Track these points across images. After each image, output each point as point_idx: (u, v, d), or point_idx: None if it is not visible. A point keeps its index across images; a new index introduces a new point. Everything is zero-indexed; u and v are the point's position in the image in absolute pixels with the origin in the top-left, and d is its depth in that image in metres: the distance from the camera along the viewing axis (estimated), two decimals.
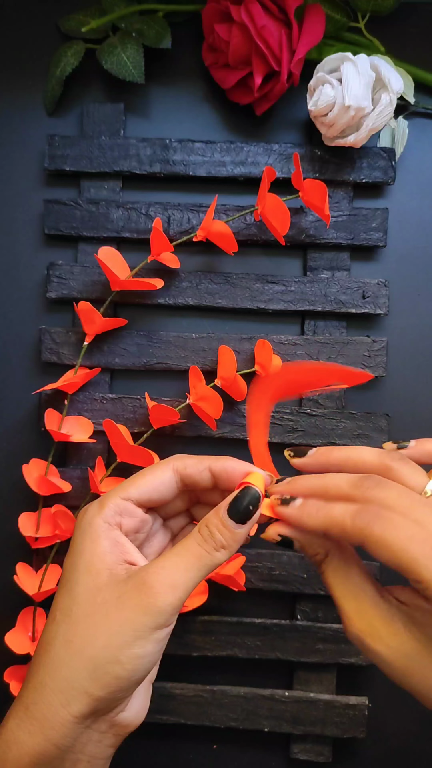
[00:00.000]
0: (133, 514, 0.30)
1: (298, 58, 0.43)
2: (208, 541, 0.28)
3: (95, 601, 0.26)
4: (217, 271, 0.47)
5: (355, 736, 0.45)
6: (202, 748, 0.47)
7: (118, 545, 0.28)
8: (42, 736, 0.25)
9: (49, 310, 0.48)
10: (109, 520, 0.28)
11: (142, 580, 0.26)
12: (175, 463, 0.30)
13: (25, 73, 0.49)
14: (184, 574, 0.27)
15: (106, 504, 0.29)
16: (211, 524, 0.28)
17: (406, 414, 0.48)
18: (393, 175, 0.47)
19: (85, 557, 0.28)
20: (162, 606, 0.26)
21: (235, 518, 0.28)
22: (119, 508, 0.29)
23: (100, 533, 0.28)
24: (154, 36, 0.46)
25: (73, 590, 0.27)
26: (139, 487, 0.29)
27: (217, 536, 0.28)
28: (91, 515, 0.29)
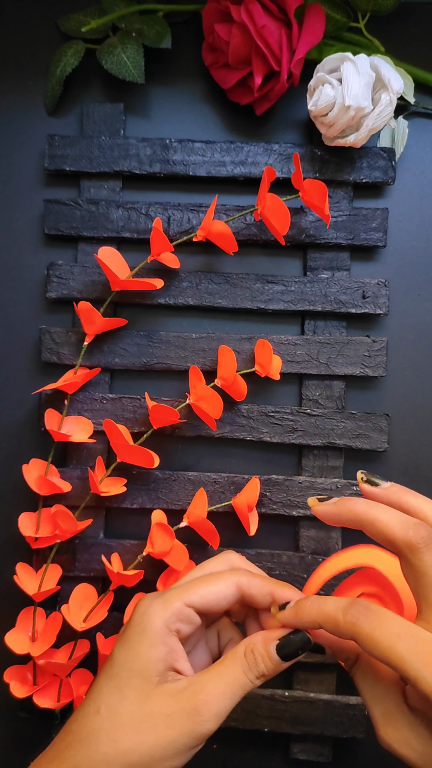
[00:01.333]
0: (193, 622, 0.30)
1: (298, 58, 0.43)
2: (252, 670, 0.29)
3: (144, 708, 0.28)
4: (217, 271, 0.47)
5: (354, 736, 0.45)
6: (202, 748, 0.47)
7: (172, 653, 0.29)
8: None
9: (49, 310, 0.48)
10: (170, 625, 0.29)
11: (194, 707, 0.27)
12: (240, 578, 0.31)
13: (25, 73, 0.49)
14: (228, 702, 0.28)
15: (170, 606, 0.29)
16: (257, 653, 0.29)
17: (406, 414, 0.48)
18: (393, 175, 0.47)
19: (141, 660, 0.28)
20: (206, 733, 0.28)
21: (282, 655, 0.29)
22: (182, 615, 0.29)
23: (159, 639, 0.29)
24: (154, 36, 0.46)
25: (123, 689, 0.28)
26: (204, 596, 0.30)
27: (260, 666, 0.29)
28: (154, 617, 0.29)
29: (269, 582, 0.31)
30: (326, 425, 0.46)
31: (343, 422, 0.46)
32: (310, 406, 0.47)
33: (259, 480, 0.45)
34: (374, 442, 0.46)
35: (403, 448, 0.47)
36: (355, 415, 0.46)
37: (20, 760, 0.47)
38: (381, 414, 0.46)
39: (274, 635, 0.29)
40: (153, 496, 0.46)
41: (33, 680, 0.44)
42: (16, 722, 0.47)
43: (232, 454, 0.47)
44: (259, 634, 0.30)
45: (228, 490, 0.46)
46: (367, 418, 0.46)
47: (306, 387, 0.47)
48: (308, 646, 0.29)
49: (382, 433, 0.46)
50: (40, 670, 0.44)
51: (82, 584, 0.44)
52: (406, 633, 0.25)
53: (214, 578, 0.31)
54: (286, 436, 0.46)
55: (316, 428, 0.46)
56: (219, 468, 0.47)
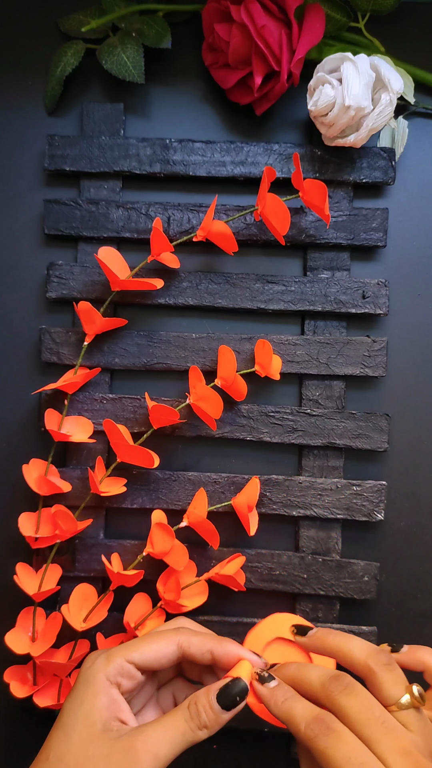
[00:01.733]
0: (133, 677, 0.32)
1: (298, 58, 0.43)
2: (194, 719, 0.30)
3: (86, 752, 0.29)
4: (217, 271, 0.47)
5: None
6: (202, 748, 0.47)
7: (114, 703, 0.31)
8: None
9: (49, 310, 0.48)
10: (111, 678, 0.31)
11: (131, 745, 0.29)
12: (180, 638, 0.33)
13: (25, 73, 0.49)
14: (168, 747, 0.29)
15: (111, 662, 0.32)
16: (199, 704, 0.31)
17: (406, 414, 0.48)
18: (393, 175, 0.47)
19: (85, 708, 0.30)
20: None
21: (222, 705, 0.31)
22: (122, 670, 0.32)
23: (101, 689, 0.31)
24: (154, 36, 0.46)
25: (70, 737, 0.30)
26: (144, 654, 0.32)
27: (203, 716, 0.30)
28: (96, 669, 0.31)
29: (209, 640, 0.33)
30: (326, 425, 0.46)
31: (343, 422, 0.46)
32: (310, 406, 0.47)
33: (259, 480, 0.45)
34: (374, 442, 0.46)
35: (403, 448, 0.47)
36: (355, 415, 0.46)
37: (20, 760, 0.47)
38: (381, 414, 0.46)
39: (216, 686, 0.31)
40: (153, 496, 0.46)
41: (33, 680, 0.44)
42: (16, 722, 0.47)
43: (232, 454, 0.47)
44: (203, 688, 0.31)
45: (228, 490, 0.46)
46: (367, 418, 0.46)
47: (306, 387, 0.47)
48: (245, 694, 0.31)
49: (382, 433, 0.46)
50: (40, 670, 0.44)
51: (82, 584, 0.44)
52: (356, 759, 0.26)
53: (156, 637, 0.33)
54: (286, 436, 0.46)
55: (316, 428, 0.46)
56: (219, 468, 0.47)
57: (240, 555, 0.45)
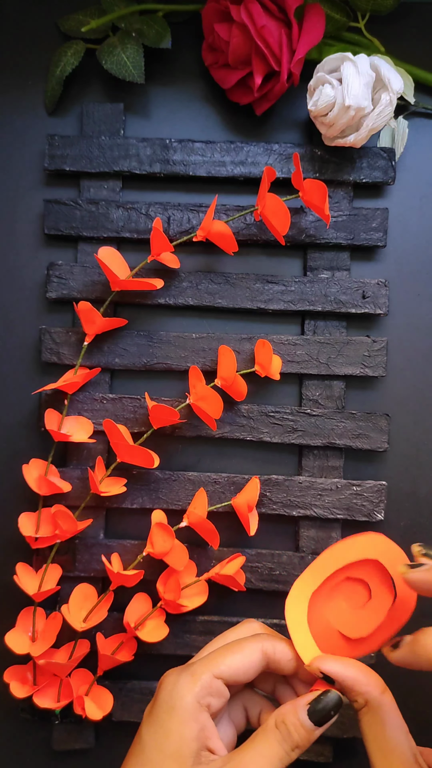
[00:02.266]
0: (222, 695, 0.29)
1: (298, 58, 0.43)
2: (287, 741, 0.27)
3: None
4: (217, 271, 0.47)
5: (355, 736, 0.45)
6: None
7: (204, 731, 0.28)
8: None
9: (49, 310, 0.48)
10: (201, 701, 0.28)
11: None
12: (264, 644, 0.30)
13: (25, 73, 0.49)
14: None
15: (198, 679, 0.28)
16: (289, 723, 0.28)
17: (406, 414, 0.48)
18: (393, 175, 0.47)
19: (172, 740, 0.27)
20: None
21: (314, 720, 0.28)
22: (212, 688, 0.28)
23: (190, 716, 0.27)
24: (154, 36, 0.46)
25: None
26: (231, 666, 0.29)
27: (294, 737, 0.27)
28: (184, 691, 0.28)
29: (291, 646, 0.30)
30: (326, 425, 0.46)
31: (343, 422, 0.46)
32: (310, 406, 0.47)
33: (259, 480, 0.45)
34: (374, 442, 0.46)
35: (403, 448, 0.47)
36: (355, 415, 0.46)
37: (20, 761, 0.47)
38: (381, 414, 0.46)
39: (303, 701, 0.28)
40: (153, 496, 0.46)
41: (33, 680, 0.44)
42: (16, 722, 0.47)
43: (232, 454, 0.47)
44: (288, 703, 0.28)
45: (228, 490, 0.46)
46: (367, 418, 0.46)
47: (306, 387, 0.47)
48: (340, 706, 0.28)
49: (382, 433, 0.46)
50: (40, 670, 0.44)
51: (82, 584, 0.44)
52: None
53: (238, 646, 0.29)
54: (286, 436, 0.46)
55: (316, 428, 0.46)
56: (219, 468, 0.47)
57: (240, 555, 0.45)
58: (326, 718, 0.28)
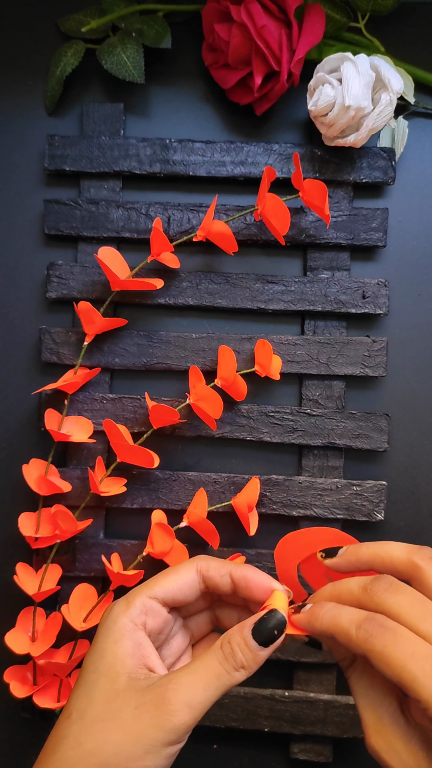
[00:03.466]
0: (158, 614, 0.30)
1: (298, 58, 0.43)
2: (228, 660, 0.27)
3: (111, 706, 0.26)
4: (217, 271, 0.47)
5: (355, 736, 0.45)
6: (202, 748, 0.47)
7: (140, 648, 0.28)
8: None
9: (49, 310, 0.48)
10: (135, 620, 0.29)
11: (161, 696, 0.26)
12: (199, 563, 0.31)
13: (25, 73, 0.49)
14: (202, 693, 0.26)
15: (132, 602, 0.29)
16: (233, 642, 0.28)
17: (406, 414, 0.48)
18: (393, 175, 0.47)
19: (107, 659, 0.28)
20: (177, 724, 0.26)
21: (259, 640, 0.28)
22: (145, 607, 0.29)
23: (124, 633, 0.28)
24: (154, 36, 0.46)
25: (91, 692, 0.27)
26: (165, 586, 0.30)
27: (238, 656, 0.28)
28: (117, 613, 0.29)
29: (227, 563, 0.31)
30: (326, 425, 0.46)
31: (343, 422, 0.46)
32: (310, 406, 0.47)
33: (259, 480, 0.45)
34: (374, 442, 0.46)
35: (403, 448, 0.47)
36: (355, 415, 0.46)
37: (20, 761, 0.47)
38: (381, 414, 0.46)
39: (249, 622, 0.28)
40: (153, 496, 0.46)
41: (33, 680, 0.44)
42: (16, 722, 0.47)
43: (232, 454, 0.47)
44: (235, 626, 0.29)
45: (228, 490, 0.46)
46: (367, 418, 0.46)
47: (306, 387, 0.47)
48: (283, 627, 0.28)
49: (382, 433, 0.46)
50: (40, 670, 0.44)
51: (82, 584, 0.44)
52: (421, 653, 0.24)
53: (174, 569, 0.31)
54: (286, 436, 0.46)
55: (316, 428, 0.46)
56: (219, 468, 0.47)
57: (240, 555, 0.45)
58: (270, 638, 0.28)
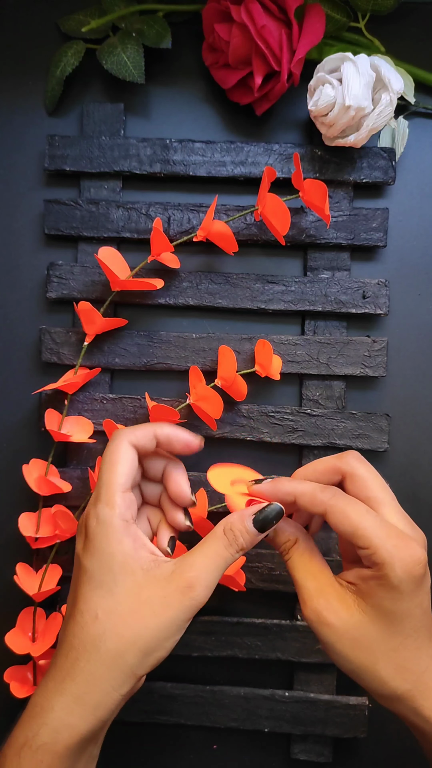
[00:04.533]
0: (132, 502, 0.33)
1: (298, 58, 0.43)
2: (233, 545, 0.32)
3: (140, 598, 0.30)
4: (217, 271, 0.47)
5: (355, 736, 0.45)
6: (202, 749, 0.47)
7: (138, 540, 0.32)
8: (93, 717, 0.29)
9: (49, 310, 0.48)
10: (124, 516, 0.32)
11: (187, 584, 0.30)
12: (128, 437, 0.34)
13: (25, 73, 0.49)
14: (215, 574, 0.31)
15: (114, 501, 0.32)
16: (236, 529, 0.32)
17: (406, 414, 0.48)
18: (393, 175, 0.47)
19: (117, 559, 0.31)
20: (200, 604, 0.31)
21: (258, 527, 0.32)
22: (126, 502, 0.32)
23: (120, 533, 0.31)
24: (154, 36, 0.46)
25: (113, 591, 0.30)
26: (125, 475, 0.33)
27: (240, 540, 0.32)
28: (107, 516, 0.31)
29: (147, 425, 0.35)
30: (326, 425, 0.46)
31: (344, 422, 0.46)
32: (310, 406, 0.47)
33: None
34: (374, 442, 0.46)
35: (403, 448, 0.47)
36: (356, 415, 0.46)
37: None
38: (381, 414, 0.46)
39: (249, 512, 0.33)
40: None
41: (33, 680, 0.44)
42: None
43: (232, 454, 0.47)
44: (234, 514, 0.33)
45: None
46: (367, 418, 0.46)
47: (306, 387, 0.47)
48: (281, 515, 0.33)
49: (382, 433, 0.46)
50: (41, 670, 0.44)
51: None
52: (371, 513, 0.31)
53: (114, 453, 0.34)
54: (286, 436, 0.46)
55: (316, 428, 0.46)
56: None
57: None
58: (268, 525, 0.32)
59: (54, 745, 0.29)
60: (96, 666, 0.29)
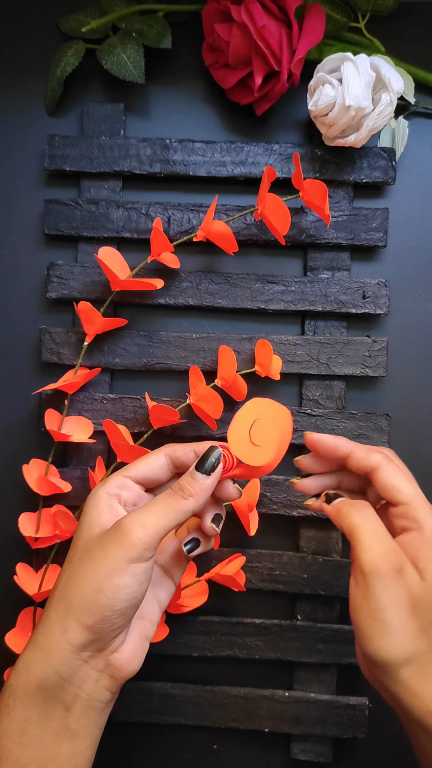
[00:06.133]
0: (131, 488, 0.34)
1: (298, 58, 0.43)
2: (177, 492, 0.32)
3: (88, 547, 0.32)
4: (217, 271, 0.47)
5: (355, 736, 0.45)
6: (202, 748, 0.47)
7: (112, 509, 0.33)
8: (45, 662, 0.30)
9: (49, 310, 0.48)
10: (109, 491, 0.34)
11: (119, 524, 0.31)
12: (166, 450, 0.35)
13: (25, 73, 0.49)
14: (154, 516, 0.31)
15: (109, 480, 0.34)
16: (182, 480, 0.33)
17: (406, 414, 0.48)
18: (393, 175, 0.47)
19: (87, 519, 0.33)
20: (133, 540, 0.30)
21: (201, 470, 0.33)
22: (119, 483, 0.34)
23: (100, 501, 0.33)
24: (154, 36, 0.46)
25: (76, 544, 0.33)
26: (137, 467, 0.34)
27: (186, 488, 0.32)
28: (97, 489, 0.34)
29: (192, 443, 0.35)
30: (326, 425, 0.46)
31: (344, 422, 0.46)
32: (310, 406, 0.47)
33: (259, 480, 0.45)
34: (374, 442, 0.46)
35: (403, 448, 0.47)
36: (356, 415, 0.46)
37: None
38: (381, 414, 0.46)
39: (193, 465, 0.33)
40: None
41: None
42: None
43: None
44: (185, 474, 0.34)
45: None
46: (367, 418, 0.46)
47: (306, 387, 0.47)
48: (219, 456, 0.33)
49: (382, 433, 0.46)
50: None
51: None
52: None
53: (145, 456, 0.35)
54: None
55: (316, 428, 0.46)
56: None
57: (240, 555, 0.45)
58: (211, 467, 0.33)
59: (16, 686, 0.30)
60: (49, 609, 0.31)
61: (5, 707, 0.30)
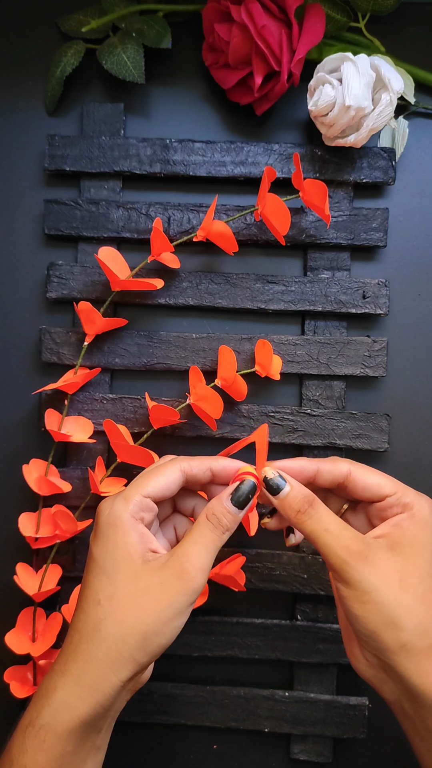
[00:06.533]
0: (152, 510, 0.34)
1: (298, 58, 0.43)
2: (217, 527, 0.33)
3: (138, 585, 0.31)
4: (217, 271, 0.47)
5: (355, 737, 0.45)
6: (202, 748, 0.47)
7: (144, 536, 0.33)
8: (92, 700, 0.30)
9: (49, 310, 0.48)
10: (135, 515, 0.33)
11: (180, 569, 0.31)
12: (182, 464, 0.35)
13: (25, 73, 0.49)
14: (206, 557, 0.32)
15: (131, 500, 0.33)
16: (217, 512, 0.33)
17: (406, 414, 0.48)
18: (393, 175, 0.47)
19: (120, 549, 0.32)
20: (197, 587, 0.31)
21: (236, 504, 0.33)
22: (142, 505, 0.33)
23: (129, 527, 0.32)
24: (154, 36, 0.46)
25: (114, 578, 0.31)
26: (156, 485, 0.34)
27: (223, 521, 0.33)
28: (119, 510, 0.33)
29: (206, 459, 0.35)
30: (326, 425, 0.46)
31: (344, 422, 0.46)
32: (310, 406, 0.47)
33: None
34: (374, 442, 0.46)
35: (403, 448, 0.47)
36: (356, 415, 0.46)
37: None
38: (381, 414, 0.46)
39: (226, 494, 0.34)
40: None
41: (33, 680, 0.44)
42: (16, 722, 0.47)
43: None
44: (213, 499, 0.34)
45: None
46: (367, 418, 0.46)
47: (306, 387, 0.47)
48: (255, 490, 0.34)
49: (382, 433, 0.46)
50: (40, 670, 0.44)
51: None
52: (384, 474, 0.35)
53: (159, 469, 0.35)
54: (286, 436, 0.46)
55: (316, 428, 0.46)
56: None
57: (240, 555, 0.45)
58: (246, 501, 0.34)
59: (54, 725, 0.29)
60: (95, 648, 0.30)
61: (41, 745, 0.30)
